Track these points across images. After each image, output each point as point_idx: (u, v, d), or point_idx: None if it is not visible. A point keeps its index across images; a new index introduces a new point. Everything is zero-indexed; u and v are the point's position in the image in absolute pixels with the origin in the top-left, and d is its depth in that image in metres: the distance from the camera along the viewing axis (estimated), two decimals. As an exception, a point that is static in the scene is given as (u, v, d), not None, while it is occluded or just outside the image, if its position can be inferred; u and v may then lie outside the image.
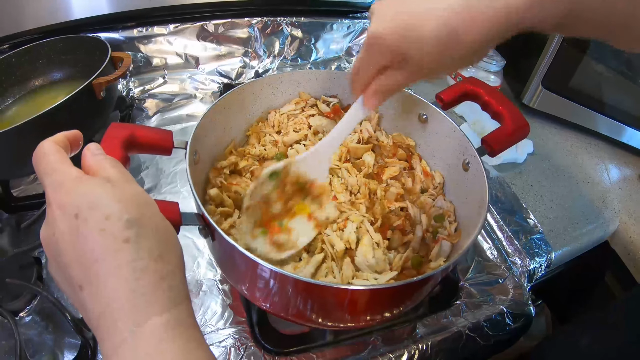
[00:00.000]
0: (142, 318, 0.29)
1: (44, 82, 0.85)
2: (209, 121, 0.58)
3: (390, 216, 0.60)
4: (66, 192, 0.31)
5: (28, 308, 0.59)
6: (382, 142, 0.69)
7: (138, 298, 0.29)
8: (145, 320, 0.29)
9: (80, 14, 0.88)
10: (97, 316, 0.29)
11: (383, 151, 0.68)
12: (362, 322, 0.53)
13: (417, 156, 0.69)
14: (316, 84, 0.70)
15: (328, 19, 1.08)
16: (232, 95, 0.62)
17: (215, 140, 0.62)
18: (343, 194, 0.61)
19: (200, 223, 0.44)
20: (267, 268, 0.41)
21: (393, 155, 0.68)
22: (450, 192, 0.65)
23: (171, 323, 0.30)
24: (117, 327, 0.29)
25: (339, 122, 0.54)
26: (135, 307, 0.29)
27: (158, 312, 0.29)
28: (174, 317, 0.30)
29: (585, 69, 0.93)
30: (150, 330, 0.29)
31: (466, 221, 0.59)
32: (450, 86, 0.63)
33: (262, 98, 0.67)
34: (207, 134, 0.59)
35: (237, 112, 0.65)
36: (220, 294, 0.62)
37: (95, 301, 0.29)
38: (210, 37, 1.00)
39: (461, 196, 0.62)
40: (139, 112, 0.91)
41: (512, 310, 0.66)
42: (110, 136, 0.46)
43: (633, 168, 0.97)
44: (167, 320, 0.29)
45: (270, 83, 0.67)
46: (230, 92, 0.62)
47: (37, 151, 0.34)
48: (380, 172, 0.65)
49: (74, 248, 0.30)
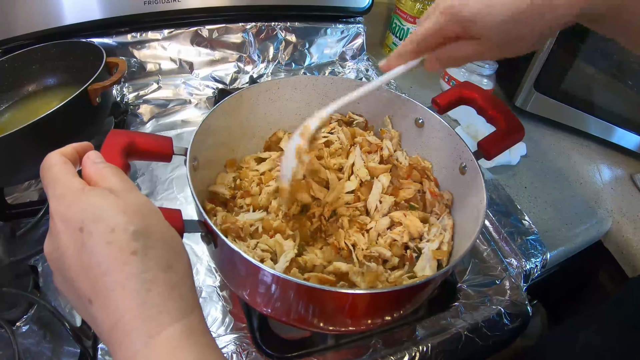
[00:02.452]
0: (155, 329, 0.29)
1: (38, 88, 0.84)
2: (207, 127, 0.58)
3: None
4: (69, 205, 0.31)
5: (25, 317, 0.58)
6: (400, 164, 0.68)
7: (150, 310, 0.29)
8: (158, 331, 0.29)
9: (73, 19, 0.87)
10: (108, 329, 0.29)
11: (400, 172, 0.67)
12: (363, 326, 0.54)
13: (432, 179, 0.67)
14: (312, 90, 0.70)
15: (322, 23, 1.09)
16: (229, 101, 0.62)
17: (214, 146, 0.62)
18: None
19: (203, 230, 0.44)
20: (270, 273, 0.41)
21: (407, 176, 0.66)
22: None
23: (184, 332, 0.30)
24: (130, 339, 0.28)
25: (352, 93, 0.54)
26: (147, 319, 0.29)
27: (170, 322, 0.29)
28: (186, 326, 0.30)
29: (576, 72, 0.95)
30: (164, 341, 0.29)
31: (464, 225, 0.59)
32: (445, 91, 0.64)
33: (260, 104, 0.67)
34: (205, 140, 0.58)
35: (235, 118, 0.65)
36: (220, 300, 0.61)
37: (106, 314, 0.29)
38: (204, 42, 0.99)
39: (458, 200, 0.63)
40: (133, 118, 0.90)
41: (510, 311, 0.66)
42: (110, 143, 0.45)
43: (624, 168, 0.99)
44: (180, 330, 0.29)
45: (267, 89, 0.67)
46: (227, 98, 0.62)
47: (44, 163, 0.34)
48: (394, 194, 0.64)
49: (80, 262, 0.30)
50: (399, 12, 1.14)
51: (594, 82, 0.96)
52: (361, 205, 0.63)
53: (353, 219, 0.61)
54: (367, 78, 1.11)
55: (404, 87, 1.10)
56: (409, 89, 1.10)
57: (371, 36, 1.19)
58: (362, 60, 1.16)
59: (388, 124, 0.72)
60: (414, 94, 1.09)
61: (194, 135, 0.53)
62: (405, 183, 0.65)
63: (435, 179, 0.67)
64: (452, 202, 0.64)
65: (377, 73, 1.11)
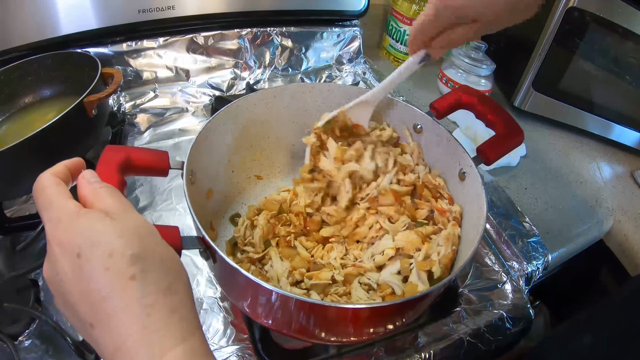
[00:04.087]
0: (158, 353, 0.29)
1: (34, 100, 0.83)
2: (204, 139, 0.58)
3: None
4: (65, 230, 0.31)
5: (27, 332, 0.58)
6: (419, 182, 0.66)
7: (151, 334, 0.29)
8: (161, 355, 0.29)
9: (69, 29, 0.87)
10: (111, 353, 0.29)
11: (420, 190, 0.65)
12: (365, 336, 0.53)
13: (446, 197, 0.64)
14: (309, 97, 0.69)
15: (318, 28, 1.08)
16: (225, 111, 0.62)
17: (211, 159, 0.62)
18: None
19: (201, 246, 0.44)
20: (270, 290, 0.41)
21: (420, 196, 0.65)
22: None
23: (186, 355, 0.30)
24: None
25: (392, 73, 0.61)
26: (149, 343, 0.29)
27: (173, 345, 0.29)
28: (188, 348, 0.30)
29: (574, 70, 0.95)
30: None
31: (464, 232, 0.59)
32: (443, 95, 0.64)
33: (256, 112, 0.67)
34: (202, 152, 0.58)
35: (231, 128, 0.65)
36: (221, 311, 0.61)
37: (108, 339, 0.29)
38: (200, 49, 0.99)
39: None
40: (130, 127, 0.90)
41: (512, 315, 0.66)
42: (105, 160, 0.45)
43: (625, 165, 0.98)
44: (182, 353, 0.29)
45: (263, 97, 0.67)
46: (223, 109, 0.61)
47: (36, 185, 0.34)
48: (412, 215, 0.64)
49: (80, 287, 0.30)
50: (395, 14, 1.13)
51: (592, 80, 0.96)
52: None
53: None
54: (364, 81, 1.10)
55: (403, 89, 1.09)
56: (407, 91, 1.10)
57: (368, 39, 1.18)
58: (359, 64, 1.15)
59: (408, 137, 0.69)
60: (412, 95, 1.09)
61: (190, 149, 0.53)
62: (420, 204, 0.64)
63: (450, 196, 0.63)
64: (461, 215, 0.61)
65: (374, 76, 1.11)
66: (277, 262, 0.59)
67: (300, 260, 0.60)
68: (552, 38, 0.91)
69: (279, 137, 0.72)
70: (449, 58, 1.05)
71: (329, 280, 0.57)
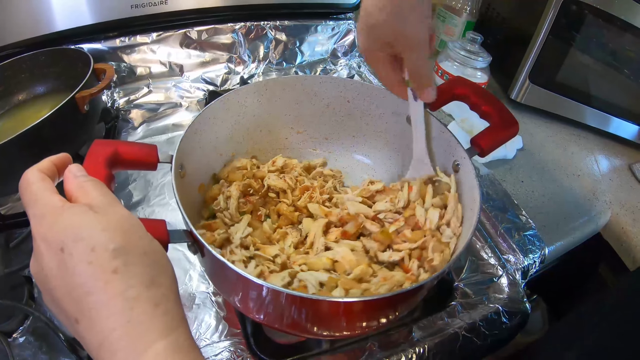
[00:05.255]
0: (142, 347, 0.29)
1: (28, 97, 0.84)
2: (193, 133, 0.57)
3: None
4: (49, 225, 0.31)
5: (21, 329, 0.58)
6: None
7: (135, 328, 0.29)
8: (144, 349, 0.29)
9: (62, 25, 0.86)
10: (96, 348, 0.29)
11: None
12: (358, 330, 0.53)
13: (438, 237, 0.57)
14: (301, 89, 0.69)
15: (312, 21, 1.08)
16: (215, 105, 0.61)
17: (202, 152, 0.61)
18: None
19: (189, 239, 0.44)
20: (258, 284, 0.41)
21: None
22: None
23: (170, 349, 0.29)
24: (117, 358, 0.28)
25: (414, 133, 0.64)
26: (133, 337, 0.29)
27: (156, 339, 0.29)
28: (172, 343, 0.30)
29: (571, 62, 0.94)
30: (151, 358, 0.28)
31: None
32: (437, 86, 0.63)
33: (248, 106, 0.66)
34: (193, 146, 0.58)
35: (222, 121, 0.64)
36: (214, 306, 0.61)
37: (93, 334, 0.29)
38: (193, 44, 0.99)
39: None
40: (124, 123, 0.90)
41: (508, 309, 0.65)
42: (93, 154, 0.45)
43: (622, 158, 0.98)
44: (165, 347, 0.29)
45: (255, 90, 0.66)
46: (213, 102, 0.61)
47: (22, 181, 0.34)
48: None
49: (64, 283, 0.30)
50: (391, 6, 1.12)
51: (590, 72, 0.95)
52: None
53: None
54: (359, 74, 1.10)
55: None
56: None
57: (363, 32, 1.17)
58: (354, 57, 1.14)
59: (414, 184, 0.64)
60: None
61: (179, 142, 0.53)
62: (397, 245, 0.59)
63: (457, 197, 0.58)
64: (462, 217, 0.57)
65: (369, 69, 1.10)
66: (242, 225, 0.60)
67: (260, 234, 0.61)
68: (548, 30, 0.90)
69: (271, 130, 0.71)
70: (444, 50, 1.04)
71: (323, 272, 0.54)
